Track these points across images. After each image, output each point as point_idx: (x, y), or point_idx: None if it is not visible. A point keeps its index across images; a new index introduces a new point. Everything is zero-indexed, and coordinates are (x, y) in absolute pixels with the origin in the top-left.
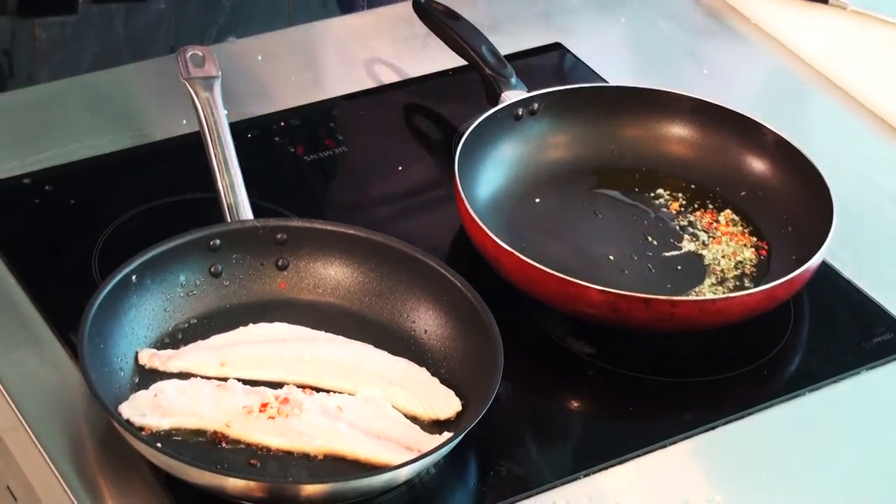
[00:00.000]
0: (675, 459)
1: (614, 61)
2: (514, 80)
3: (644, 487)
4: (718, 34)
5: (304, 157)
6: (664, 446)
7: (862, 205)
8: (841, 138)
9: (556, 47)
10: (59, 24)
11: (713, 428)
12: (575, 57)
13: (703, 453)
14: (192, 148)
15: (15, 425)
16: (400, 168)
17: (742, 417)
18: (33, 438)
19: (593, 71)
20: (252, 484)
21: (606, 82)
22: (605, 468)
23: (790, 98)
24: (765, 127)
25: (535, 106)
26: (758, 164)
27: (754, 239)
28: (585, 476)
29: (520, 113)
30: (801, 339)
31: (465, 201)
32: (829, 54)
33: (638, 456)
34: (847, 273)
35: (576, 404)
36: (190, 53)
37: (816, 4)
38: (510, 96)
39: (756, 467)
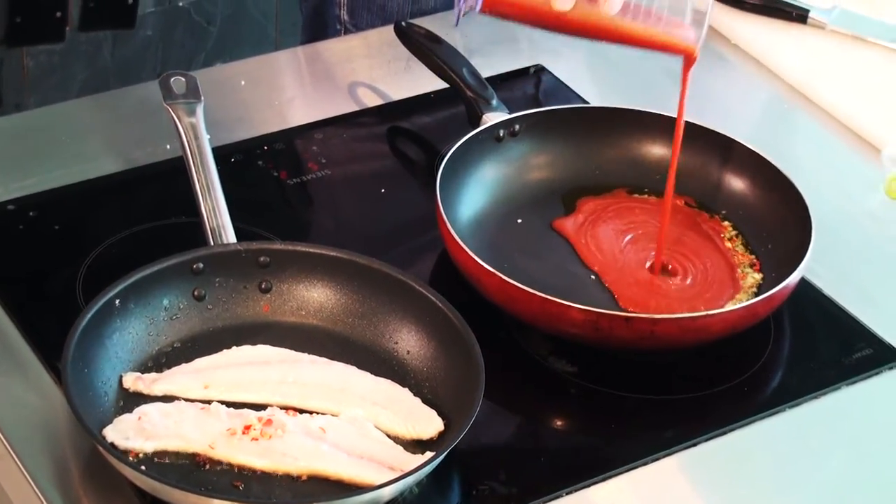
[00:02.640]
0: (658, 476)
1: (595, 82)
2: (495, 101)
3: None
4: (699, 55)
5: (287, 180)
6: (647, 463)
7: (841, 221)
8: (820, 156)
9: (538, 69)
10: (46, 52)
11: (695, 444)
12: (556, 78)
13: (686, 469)
14: (175, 173)
15: (0, 450)
16: (383, 190)
17: (724, 433)
18: (17, 463)
19: (574, 92)
20: None
21: (587, 103)
22: (588, 485)
23: (770, 117)
24: (744, 146)
25: (517, 127)
26: (737, 183)
27: None
28: (568, 494)
29: (501, 134)
30: (781, 355)
31: (447, 222)
32: (808, 73)
33: (621, 473)
34: (827, 289)
35: (558, 422)
36: (173, 79)
37: (796, 24)
38: (492, 118)
39: (738, 483)
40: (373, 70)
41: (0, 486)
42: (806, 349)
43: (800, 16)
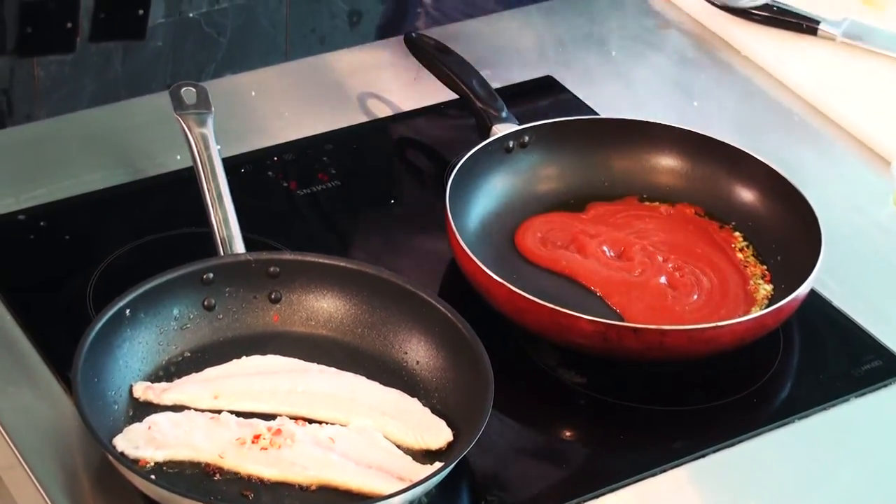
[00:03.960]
0: (666, 487)
1: (605, 94)
2: (504, 113)
3: None
4: (708, 66)
5: (297, 191)
6: (655, 474)
7: (850, 233)
8: (830, 168)
9: (547, 80)
10: (57, 62)
11: (704, 456)
12: (565, 90)
13: (695, 481)
14: (185, 183)
15: (11, 460)
16: (392, 201)
17: (733, 445)
18: (28, 472)
19: (584, 103)
20: None
21: (597, 114)
22: (597, 496)
23: (780, 128)
24: (754, 157)
25: (526, 138)
26: (747, 194)
27: None
28: None
29: (510, 145)
30: (790, 367)
31: (456, 233)
32: (818, 85)
33: (630, 484)
34: (836, 301)
35: (567, 433)
36: (183, 89)
37: (806, 36)
38: (501, 129)
39: (747, 495)
40: (383, 81)
41: (11, 495)
42: (815, 360)
43: (810, 27)
